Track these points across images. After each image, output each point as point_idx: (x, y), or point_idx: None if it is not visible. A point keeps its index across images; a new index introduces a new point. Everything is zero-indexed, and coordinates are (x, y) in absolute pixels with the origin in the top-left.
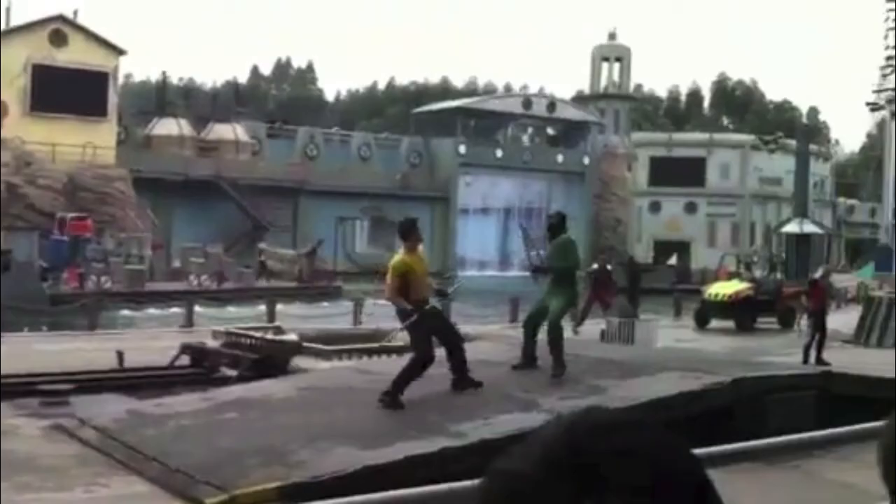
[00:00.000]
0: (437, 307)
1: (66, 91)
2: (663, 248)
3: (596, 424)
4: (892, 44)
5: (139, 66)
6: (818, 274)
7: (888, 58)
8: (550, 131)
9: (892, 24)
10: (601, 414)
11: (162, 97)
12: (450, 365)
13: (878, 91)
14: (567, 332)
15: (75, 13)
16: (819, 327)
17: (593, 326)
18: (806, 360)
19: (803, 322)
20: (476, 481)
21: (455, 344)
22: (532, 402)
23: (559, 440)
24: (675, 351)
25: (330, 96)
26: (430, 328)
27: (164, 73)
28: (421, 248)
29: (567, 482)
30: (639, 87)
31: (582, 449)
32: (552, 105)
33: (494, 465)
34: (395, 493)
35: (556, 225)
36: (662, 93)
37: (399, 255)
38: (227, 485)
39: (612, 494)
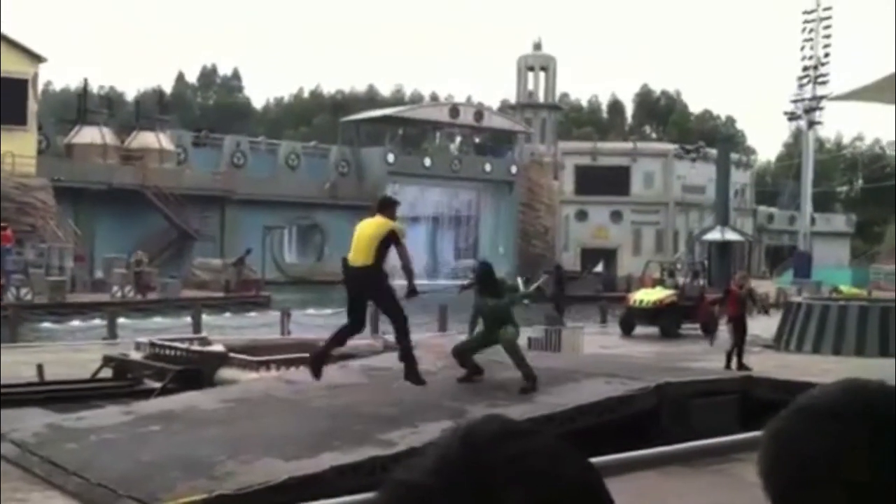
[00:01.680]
0: None
1: None
2: (590, 256)
3: (491, 433)
4: (809, 55)
5: (59, 73)
6: (733, 282)
7: (805, 68)
8: (478, 140)
9: (809, 36)
10: (497, 423)
11: (83, 105)
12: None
13: (796, 101)
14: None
15: None
16: (739, 333)
17: (522, 333)
18: (728, 366)
19: (722, 327)
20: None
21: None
22: (460, 410)
23: (455, 450)
24: (601, 357)
25: (256, 104)
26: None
27: (85, 80)
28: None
29: (463, 492)
30: (564, 96)
31: (477, 458)
32: (479, 114)
33: (391, 476)
34: (320, 503)
35: (488, 277)
36: (585, 102)
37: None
38: (150, 498)
39: (507, 502)
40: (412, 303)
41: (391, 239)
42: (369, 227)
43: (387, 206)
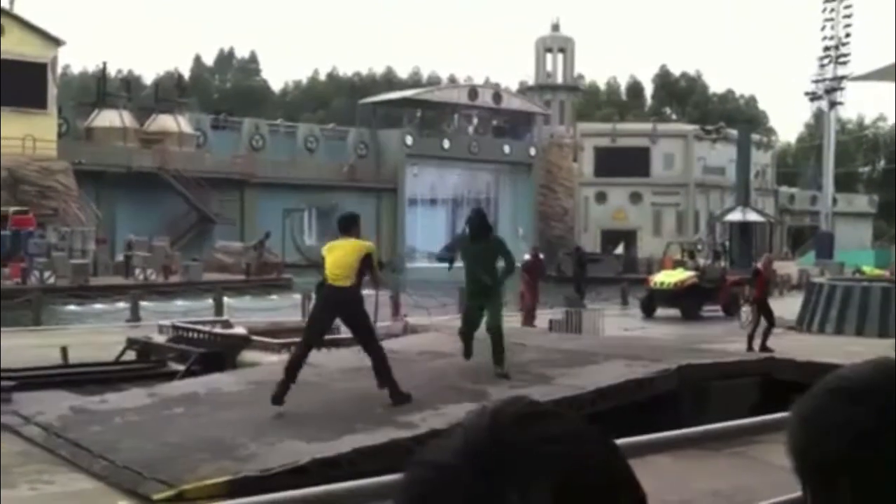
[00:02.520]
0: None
1: (4, 83)
2: (610, 238)
3: (517, 414)
4: (830, 35)
5: (77, 57)
6: (760, 263)
7: (826, 48)
8: (496, 122)
9: (830, 16)
10: (523, 404)
11: (102, 88)
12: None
13: (817, 81)
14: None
15: (11, 2)
16: (765, 315)
17: (541, 316)
18: (750, 348)
19: (744, 310)
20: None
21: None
22: (482, 392)
23: (481, 431)
24: (622, 339)
25: (274, 87)
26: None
27: (104, 63)
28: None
29: (488, 472)
30: (580, 77)
31: (503, 439)
32: (498, 96)
33: (417, 457)
34: (344, 485)
35: (480, 224)
36: (604, 84)
37: (366, 242)
38: (175, 480)
39: (534, 484)
40: (429, 286)
41: (368, 261)
42: (348, 247)
43: (354, 225)
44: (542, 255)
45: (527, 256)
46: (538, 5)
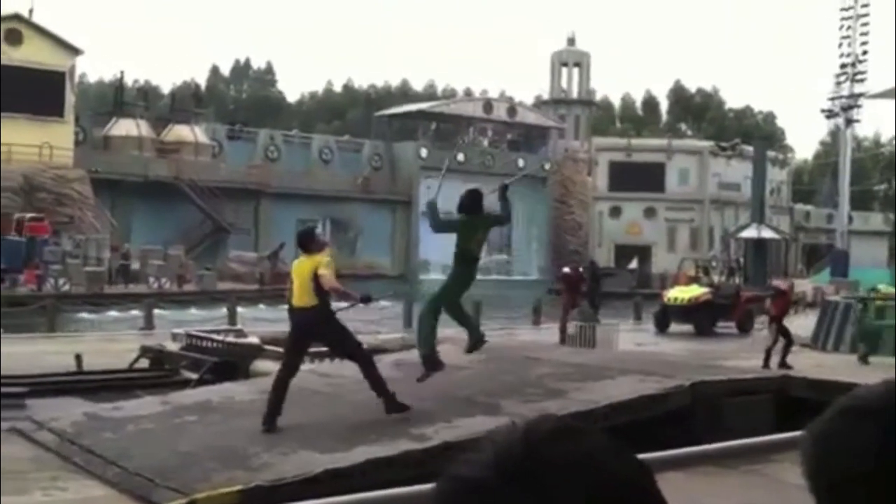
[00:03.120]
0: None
1: (23, 91)
2: (624, 253)
3: (549, 430)
4: (847, 52)
5: (95, 66)
6: (785, 283)
7: (842, 65)
8: (511, 136)
9: (847, 33)
10: (554, 421)
11: (119, 98)
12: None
13: (833, 98)
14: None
15: (30, 12)
16: (783, 333)
17: (555, 329)
18: (766, 365)
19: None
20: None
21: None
22: (494, 405)
23: (513, 446)
24: (636, 354)
25: (290, 98)
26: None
27: (121, 72)
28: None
29: (521, 488)
30: (595, 92)
31: (536, 455)
32: (513, 109)
33: (449, 471)
34: (357, 496)
35: (469, 204)
36: (618, 99)
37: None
38: (187, 488)
39: (566, 500)
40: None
41: (319, 277)
42: (301, 268)
43: (309, 241)
44: (581, 269)
45: (566, 269)
46: (554, 20)
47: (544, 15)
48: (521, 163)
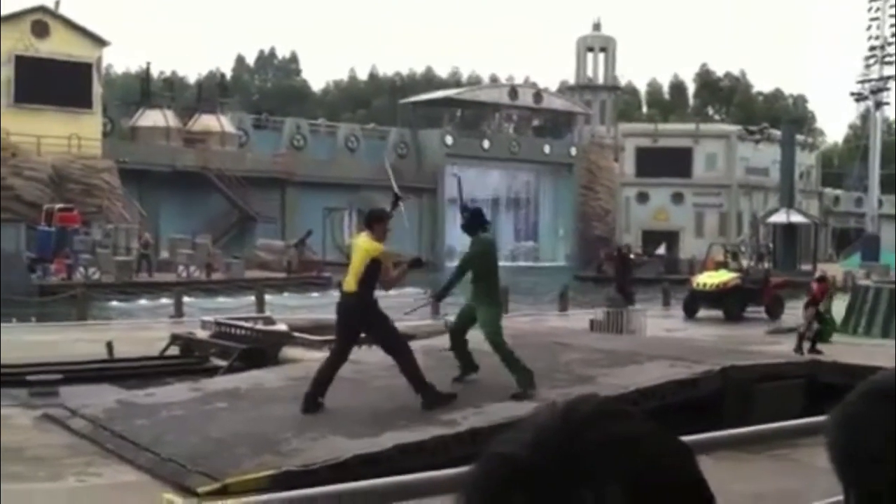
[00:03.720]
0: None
1: (51, 82)
2: (651, 239)
3: (592, 412)
4: (876, 34)
5: (122, 57)
6: (822, 271)
7: (872, 48)
8: (536, 122)
9: (876, 15)
10: (596, 402)
11: (146, 88)
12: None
13: (862, 81)
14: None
15: (57, 4)
16: (817, 318)
17: (583, 315)
18: (799, 348)
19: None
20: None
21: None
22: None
23: (555, 427)
24: (665, 340)
25: (315, 87)
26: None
27: (147, 63)
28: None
29: (563, 468)
30: (621, 77)
31: (579, 436)
32: (538, 95)
33: (489, 450)
34: (387, 480)
35: (472, 222)
36: (645, 84)
37: (379, 245)
38: (219, 474)
39: (610, 481)
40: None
41: (373, 265)
42: (357, 249)
43: (375, 221)
44: (632, 254)
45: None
46: (579, 5)
47: (569, 0)
48: (546, 149)
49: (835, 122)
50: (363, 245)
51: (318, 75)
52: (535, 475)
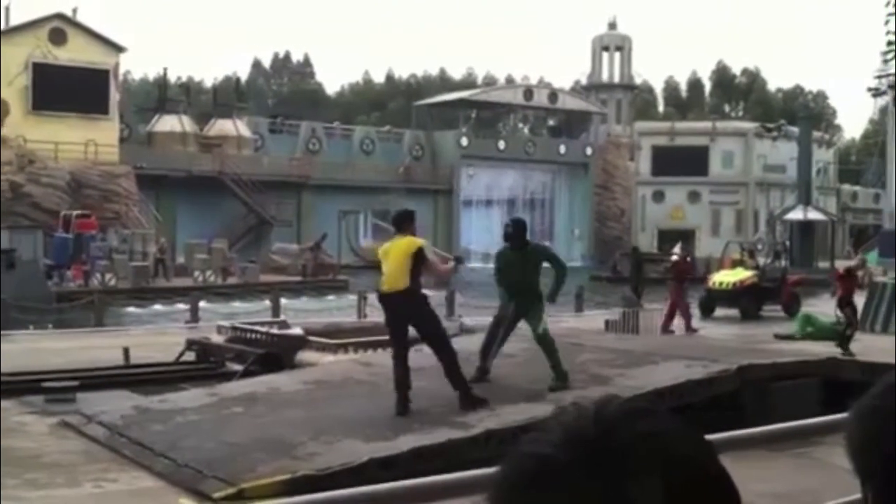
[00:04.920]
0: None
1: (68, 89)
2: (667, 237)
3: (620, 410)
4: (893, 29)
5: (137, 63)
6: (852, 262)
7: (889, 43)
8: (552, 122)
9: (893, 10)
10: (622, 401)
11: (163, 94)
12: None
13: (880, 76)
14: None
15: (74, 11)
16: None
17: (598, 316)
18: (847, 350)
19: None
20: (487, 470)
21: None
22: (538, 393)
23: (585, 426)
24: (680, 339)
25: (329, 90)
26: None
27: (164, 69)
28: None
29: (597, 466)
30: (634, 76)
31: (610, 433)
32: (554, 95)
33: (518, 450)
34: (403, 483)
35: (517, 234)
36: (662, 82)
37: (416, 239)
38: (235, 479)
39: (645, 479)
40: (484, 286)
41: (420, 256)
42: (397, 249)
43: (405, 222)
44: (689, 259)
45: (674, 258)
46: (594, 4)
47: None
48: (562, 149)
49: (853, 117)
50: (402, 243)
51: (333, 78)
52: (572, 473)
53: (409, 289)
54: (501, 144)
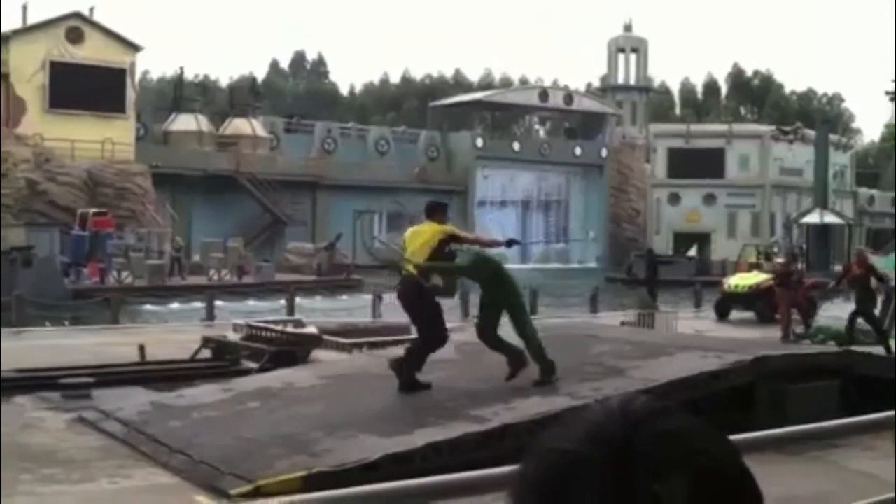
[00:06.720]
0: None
1: (85, 88)
2: (683, 240)
3: (647, 409)
4: None
5: (153, 62)
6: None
7: None
8: (567, 124)
9: None
10: (645, 399)
11: (179, 93)
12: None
13: None
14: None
15: (91, 10)
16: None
17: (613, 317)
18: (889, 348)
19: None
20: (501, 469)
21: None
22: (552, 387)
23: (613, 423)
24: (695, 335)
25: (344, 90)
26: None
27: (181, 68)
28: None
29: (624, 463)
30: (650, 78)
31: (636, 431)
32: (569, 97)
33: (541, 445)
34: (420, 480)
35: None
36: (678, 84)
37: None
38: (251, 475)
39: (671, 477)
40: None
41: (446, 242)
42: (420, 236)
43: (435, 212)
44: (800, 265)
45: (779, 260)
46: (610, 6)
47: (600, 1)
48: (577, 151)
49: (870, 120)
50: (428, 228)
51: (349, 79)
52: (598, 470)
53: (417, 278)
54: (516, 145)
